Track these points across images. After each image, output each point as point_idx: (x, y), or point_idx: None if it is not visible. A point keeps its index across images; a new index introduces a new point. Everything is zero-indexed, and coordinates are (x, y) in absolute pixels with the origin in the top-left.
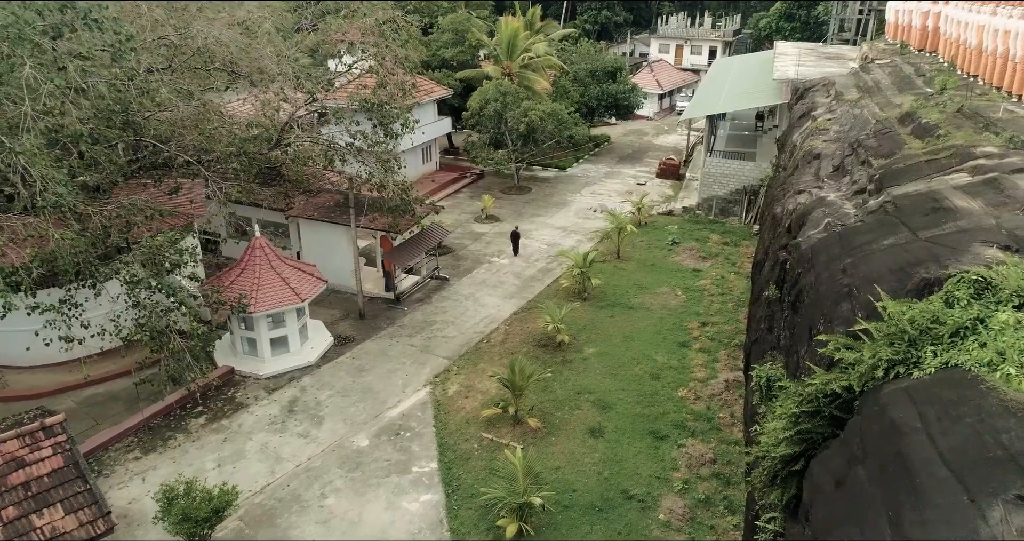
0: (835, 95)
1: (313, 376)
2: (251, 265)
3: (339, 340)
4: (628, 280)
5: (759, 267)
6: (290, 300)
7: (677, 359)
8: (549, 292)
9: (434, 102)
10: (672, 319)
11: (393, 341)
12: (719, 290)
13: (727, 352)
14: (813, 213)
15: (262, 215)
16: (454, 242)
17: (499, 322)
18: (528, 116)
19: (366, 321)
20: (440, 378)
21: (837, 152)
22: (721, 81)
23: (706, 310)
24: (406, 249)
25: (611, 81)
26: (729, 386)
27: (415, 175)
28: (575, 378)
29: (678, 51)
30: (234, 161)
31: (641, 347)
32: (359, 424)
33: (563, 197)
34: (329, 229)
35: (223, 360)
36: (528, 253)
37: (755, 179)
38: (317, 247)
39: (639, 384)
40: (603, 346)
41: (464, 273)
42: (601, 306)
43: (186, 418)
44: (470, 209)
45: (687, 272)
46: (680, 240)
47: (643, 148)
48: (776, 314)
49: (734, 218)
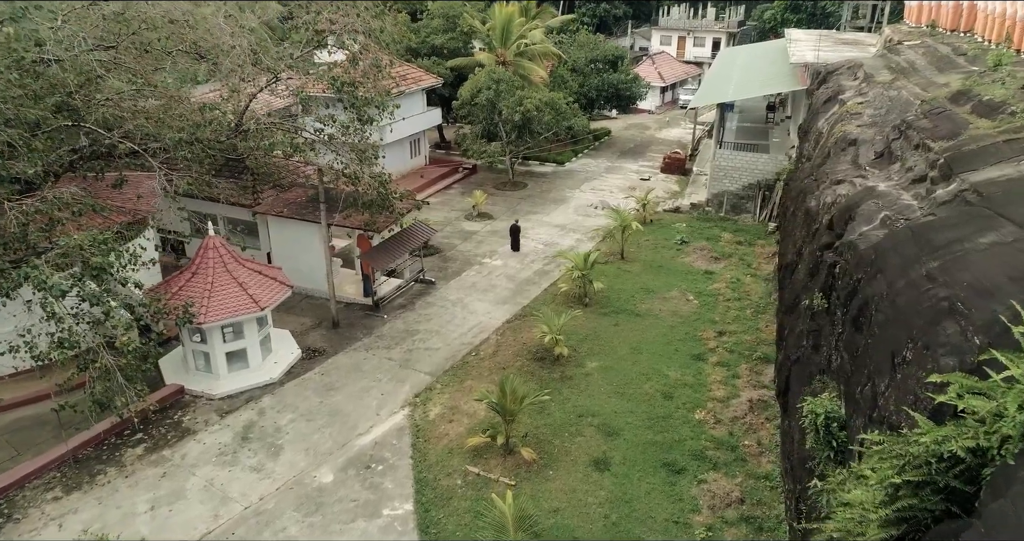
0: (864, 77)
1: (274, 396)
2: (203, 268)
3: (307, 353)
4: (634, 283)
5: (789, 270)
6: (247, 308)
7: (692, 375)
8: (546, 297)
9: (422, 91)
10: (684, 328)
11: (369, 354)
12: (735, 294)
13: (748, 366)
14: (862, 206)
15: (228, 212)
16: (442, 241)
17: (490, 331)
18: (523, 105)
19: (340, 330)
20: (421, 398)
21: (877, 137)
22: (729, 70)
23: (722, 317)
24: (386, 249)
25: (612, 71)
26: (753, 407)
27: (402, 170)
28: (576, 398)
29: (680, 43)
30: (184, 149)
31: (650, 360)
32: (323, 455)
33: (561, 193)
34: (300, 227)
35: (173, 377)
36: (523, 253)
37: (769, 173)
38: (287, 247)
39: (649, 405)
40: (607, 359)
41: (452, 276)
42: (604, 313)
43: (121, 448)
44: (461, 206)
45: (698, 274)
46: (689, 239)
47: (645, 142)
48: (824, 329)
49: (747, 215)
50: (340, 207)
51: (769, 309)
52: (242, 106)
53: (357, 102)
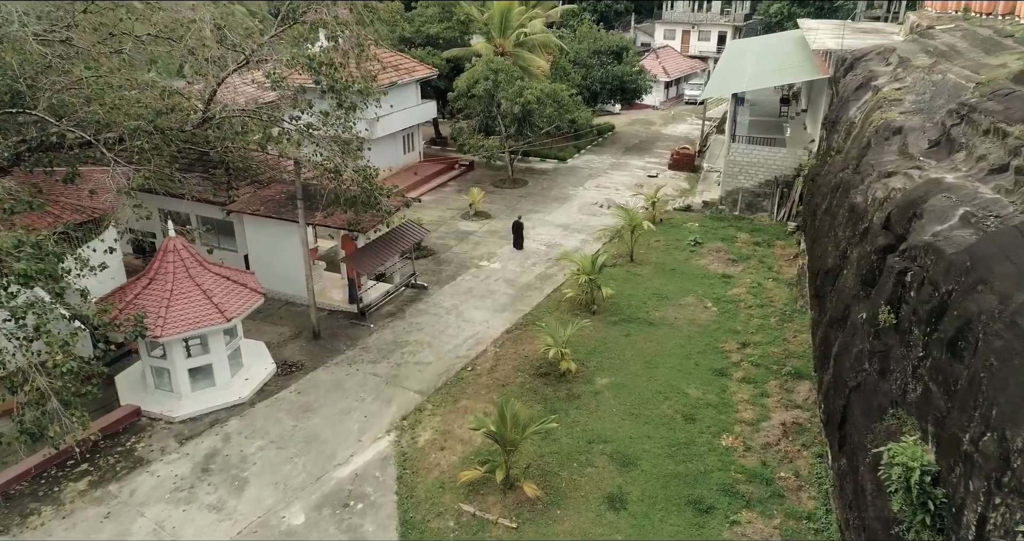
0: (899, 62)
1: (243, 418)
2: (162, 274)
3: (283, 368)
4: (645, 288)
5: (830, 275)
6: (211, 319)
7: (715, 393)
8: (549, 304)
9: (416, 83)
10: (703, 339)
11: (352, 369)
12: (757, 301)
13: (778, 383)
14: (930, 201)
15: (202, 210)
16: (436, 243)
17: (487, 343)
18: (523, 96)
19: (321, 342)
20: (409, 421)
21: (927, 124)
22: (740, 62)
23: (744, 327)
24: (372, 252)
25: (616, 62)
26: (788, 431)
27: (395, 166)
28: (585, 420)
29: (685, 37)
30: (142, 139)
31: (667, 376)
32: (294, 490)
33: (563, 191)
34: (278, 227)
35: (130, 396)
36: (524, 255)
37: (788, 168)
38: (265, 249)
39: (669, 429)
40: (619, 375)
41: (447, 280)
42: (614, 322)
43: (62, 482)
44: (457, 204)
45: (715, 278)
46: (703, 240)
47: (651, 138)
48: (894, 351)
49: (763, 214)
50: (322, 205)
51: (796, 317)
52: (209, 91)
53: (337, 86)
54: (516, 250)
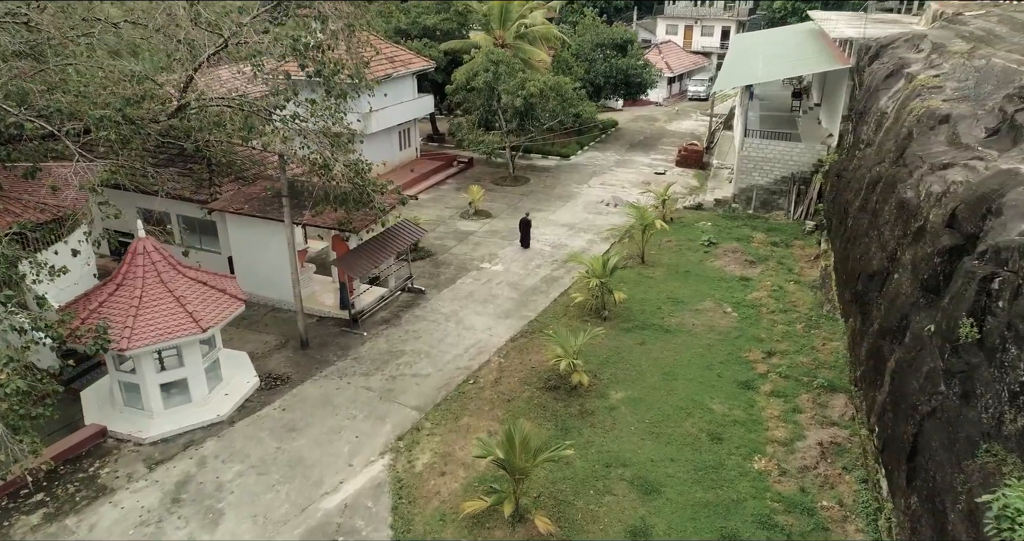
0: (932, 48)
1: (221, 439)
2: (130, 279)
3: (267, 381)
4: (659, 292)
5: (876, 279)
6: (185, 330)
7: (742, 408)
8: (556, 309)
9: (413, 76)
10: (724, 347)
11: (343, 382)
12: (779, 305)
13: (809, 396)
14: (1009, 195)
15: (184, 209)
16: (434, 243)
17: (491, 352)
18: (526, 89)
19: (309, 352)
20: (405, 441)
21: (980, 111)
22: (750, 55)
23: (768, 334)
24: (365, 253)
25: (621, 55)
26: (826, 452)
27: (390, 163)
28: (601, 440)
29: (687, 32)
30: (109, 129)
31: (688, 390)
32: (276, 524)
33: (567, 188)
34: (263, 227)
35: (96, 415)
36: (528, 257)
37: (805, 164)
38: (250, 251)
39: (694, 450)
40: (635, 388)
41: (446, 284)
42: (627, 328)
43: (13, 514)
44: (455, 203)
45: (733, 281)
46: (717, 240)
47: (656, 134)
48: (980, 372)
49: (779, 212)
50: (311, 203)
51: (823, 324)
52: (185, 77)
53: (324, 71)
54: (523, 249)
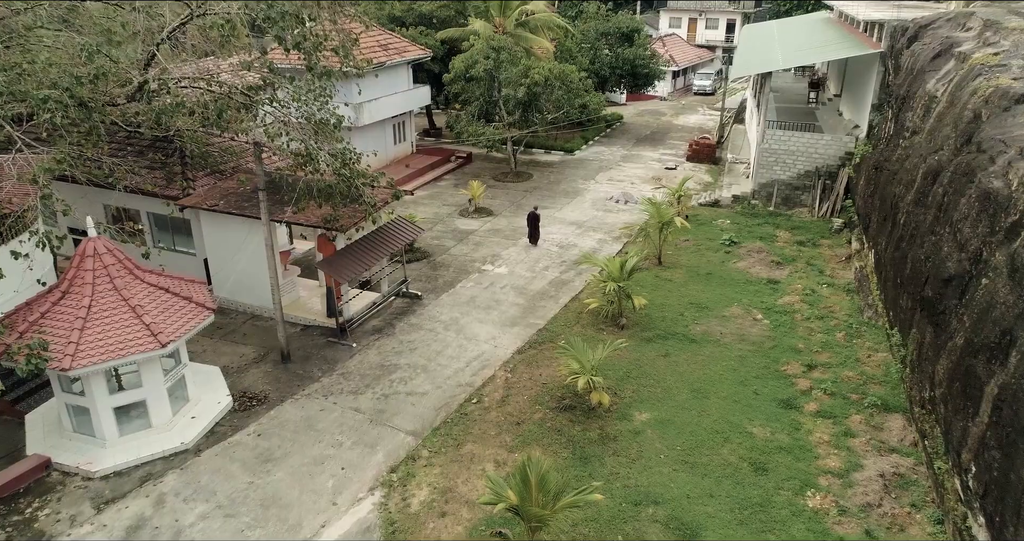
0: (984, 26)
1: (184, 472)
2: (78, 286)
3: (242, 401)
4: (680, 297)
5: (955, 285)
6: (140, 345)
7: (785, 431)
8: (567, 316)
9: (408, 65)
10: (759, 359)
11: (328, 402)
12: (814, 311)
13: (861, 417)
14: None
15: (155, 207)
16: (431, 243)
17: (496, 366)
18: (530, 77)
19: (291, 366)
20: (399, 474)
21: None
22: (765, 43)
23: (806, 344)
24: (353, 255)
25: (627, 45)
26: (889, 486)
27: (384, 158)
28: (626, 472)
29: (691, 25)
30: (53, 112)
31: (722, 410)
32: None
33: (573, 184)
34: (241, 226)
35: (39, 443)
36: (533, 258)
37: (831, 157)
38: (226, 252)
39: (735, 482)
40: (662, 408)
41: (444, 288)
42: (648, 338)
43: None
44: (454, 200)
45: (760, 284)
46: (739, 239)
47: (663, 129)
48: None
49: (802, 209)
50: (294, 198)
51: (865, 332)
52: (147, 55)
53: (305, 44)
54: (530, 247)
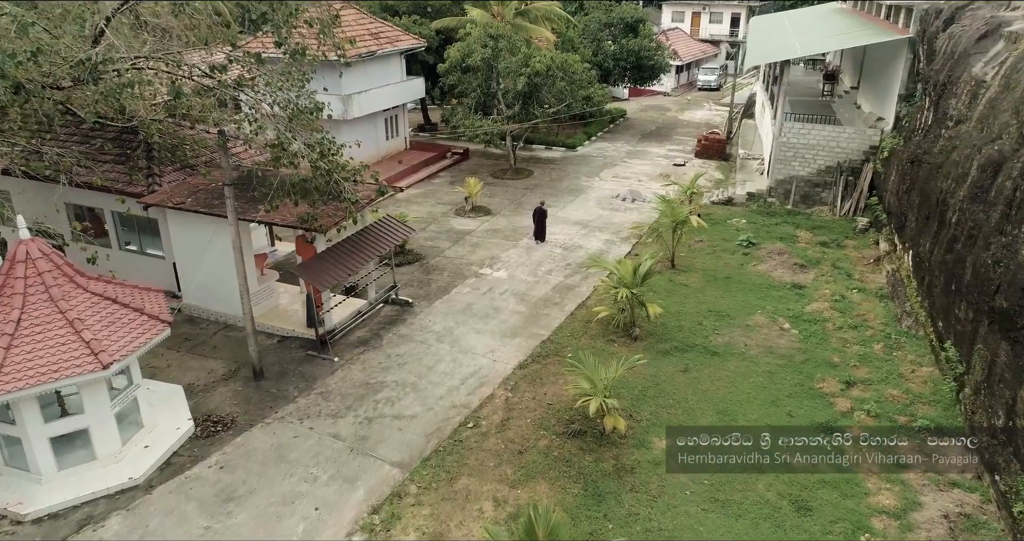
0: None
1: (131, 514)
2: (6, 296)
3: (205, 426)
4: (697, 303)
5: None
6: (78, 366)
7: (828, 461)
8: (575, 326)
9: (401, 56)
10: (790, 375)
11: (303, 427)
12: (846, 320)
13: (914, 444)
14: None
15: (121, 206)
16: (424, 245)
17: (495, 384)
18: (530, 66)
19: (264, 384)
20: (383, 515)
21: None
22: (777, 33)
23: (841, 357)
24: (335, 258)
25: (632, 36)
26: (955, 529)
27: (376, 154)
28: (647, 512)
29: (694, 19)
30: None
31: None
32: None
33: (576, 182)
34: (211, 226)
35: None
36: (536, 260)
37: (855, 151)
38: (196, 255)
39: (775, 526)
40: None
41: (438, 294)
42: (665, 351)
43: None
44: (449, 198)
45: (784, 289)
46: (757, 240)
47: (668, 124)
48: None
49: (822, 207)
50: (270, 195)
51: (906, 343)
52: (94, 30)
53: (274, 17)
54: (536, 246)
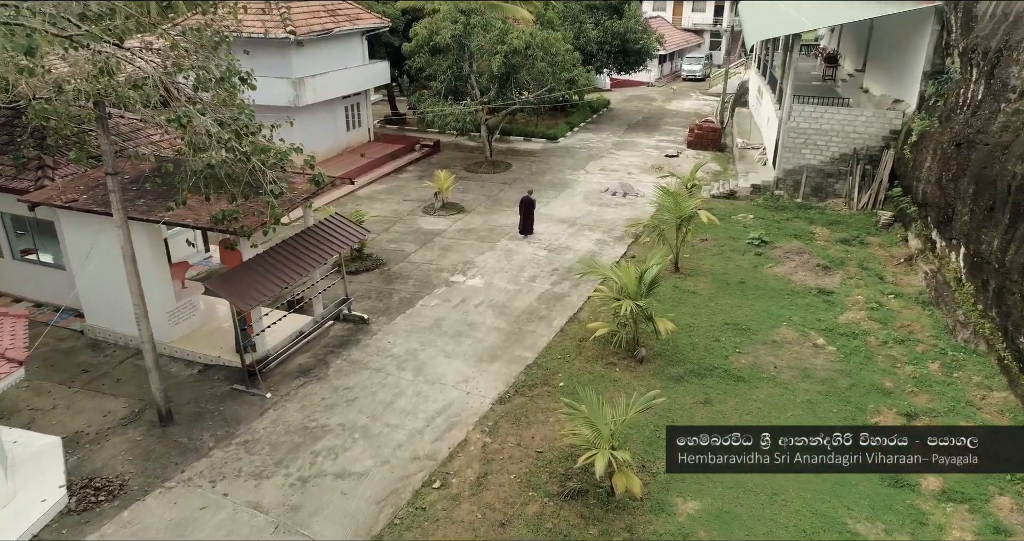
0: None
1: None
2: None
3: (84, 493)
4: (710, 314)
5: None
6: None
7: (907, 529)
8: (566, 345)
9: (362, 36)
10: (834, 405)
11: (215, 494)
12: (889, 332)
13: (1009, 499)
14: None
15: (8, 205)
16: (387, 248)
17: (469, 424)
18: (507, 43)
19: (172, 430)
20: None
21: None
22: (774, 10)
23: (894, 380)
24: (261, 269)
25: (616, 17)
26: None
27: (336, 147)
28: None
29: (676, 8)
30: None
31: (803, 491)
32: None
33: (560, 175)
34: (112, 229)
35: None
36: (517, 265)
37: (874, 137)
38: (96, 264)
39: None
40: (715, 491)
41: (400, 307)
42: (678, 376)
43: None
44: (417, 195)
45: (810, 296)
46: (769, 237)
47: (656, 114)
48: None
49: (836, 199)
50: (183, 188)
51: (967, 362)
52: None
53: None
54: (521, 241)
